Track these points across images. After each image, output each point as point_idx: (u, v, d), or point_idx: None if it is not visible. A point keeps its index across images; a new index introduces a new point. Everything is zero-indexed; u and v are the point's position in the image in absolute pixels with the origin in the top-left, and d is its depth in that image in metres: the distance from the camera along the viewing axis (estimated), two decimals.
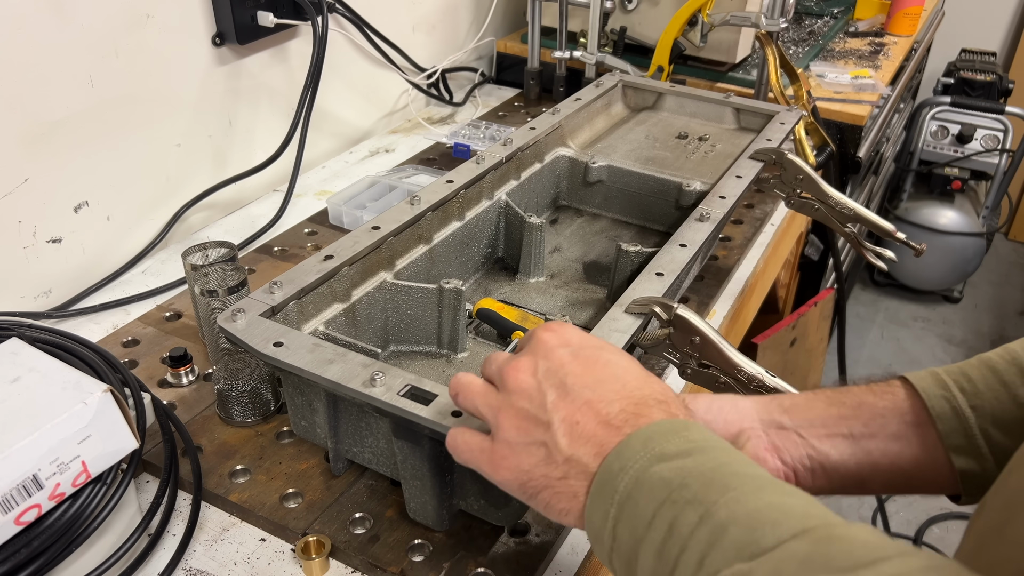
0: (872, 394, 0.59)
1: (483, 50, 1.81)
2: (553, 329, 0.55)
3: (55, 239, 1.02)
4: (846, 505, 2.29)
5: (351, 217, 1.15)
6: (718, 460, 0.46)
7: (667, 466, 0.46)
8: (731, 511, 0.42)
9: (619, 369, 0.53)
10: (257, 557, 0.71)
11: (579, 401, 0.51)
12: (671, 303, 0.70)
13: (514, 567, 0.67)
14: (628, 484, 0.46)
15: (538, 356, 0.53)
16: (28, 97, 0.94)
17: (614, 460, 0.48)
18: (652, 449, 0.47)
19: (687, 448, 0.46)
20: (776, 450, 0.59)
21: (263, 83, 1.27)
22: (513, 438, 0.52)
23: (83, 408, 0.60)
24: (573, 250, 1.05)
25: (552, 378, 0.52)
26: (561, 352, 0.53)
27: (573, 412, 0.50)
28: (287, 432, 0.81)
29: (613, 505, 0.47)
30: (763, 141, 1.03)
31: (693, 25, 1.46)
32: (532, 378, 0.52)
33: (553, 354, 0.53)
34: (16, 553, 0.58)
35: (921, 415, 0.57)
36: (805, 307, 1.64)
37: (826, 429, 0.58)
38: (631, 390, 0.51)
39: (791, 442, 0.59)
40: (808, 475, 0.58)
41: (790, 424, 0.59)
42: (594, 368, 0.52)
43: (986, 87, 2.78)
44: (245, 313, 0.68)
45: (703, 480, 0.44)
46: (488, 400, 0.54)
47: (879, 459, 0.57)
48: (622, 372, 0.52)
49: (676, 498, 0.44)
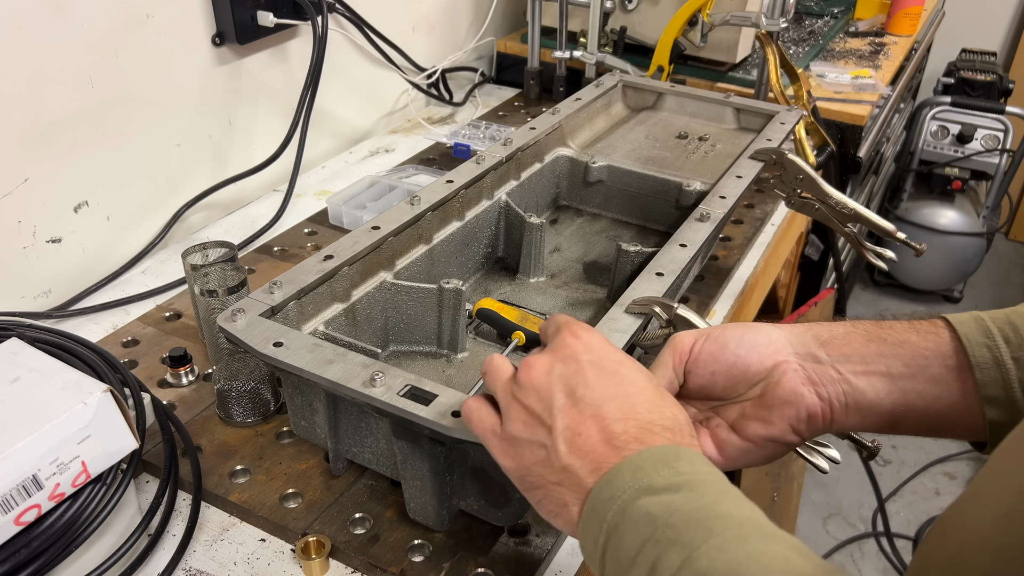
0: (915, 333, 0.57)
1: (483, 50, 1.81)
2: (579, 334, 0.54)
3: (55, 239, 1.02)
4: (846, 505, 2.29)
5: (351, 217, 1.15)
6: (704, 499, 0.45)
7: (654, 500, 0.45)
8: (712, 560, 0.41)
9: (633, 388, 0.52)
10: (257, 557, 0.71)
11: (586, 412, 0.50)
12: (671, 303, 0.70)
13: (514, 567, 0.67)
14: (615, 514, 0.46)
15: (557, 357, 0.53)
16: (28, 97, 0.94)
17: (604, 487, 0.48)
18: (640, 480, 0.46)
19: (676, 482, 0.46)
20: (813, 384, 0.57)
21: (263, 83, 1.27)
22: (518, 432, 0.52)
23: (83, 408, 0.60)
24: (573, 250, 1.05)
25: (564, 383, 0.51)
26: (581, 358, 0.52)
27: (578, 422, 0.50)
28: (287, 432, 0.81)
29: (602, 533, 0.47)
30: (763, 141, 1.03)
31: (693, 25, 1.46)
32: (545, 378, 0.52)
33: (572, 359, 0.52)
34: (16, 553, 0.58)
35: (962, 360, 0.54)
36: (805, 307, 1.64)
37: (864, 366, 0.57)
38: (640, 412, 0.51)
39: (828, 377, 0.57)
40: (843, 411, 0.57)
41: (826, 358, 0.57)
42: (608, 382, 0.51)
43: (986, 87, 2.78)
44: (245, 313, 0.68)
45: (688, 521, 0.44)
46: (506, 388, 0.54)
47: (915, 401, 0.56)
48: (635, 391, 0.52)
49: (660, 537, 0.44)
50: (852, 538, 2.21)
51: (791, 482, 1.82)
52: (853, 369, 0.57)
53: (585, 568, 0.71)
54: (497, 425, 0.54)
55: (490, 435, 0.54)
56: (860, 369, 0.57)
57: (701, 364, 0.60)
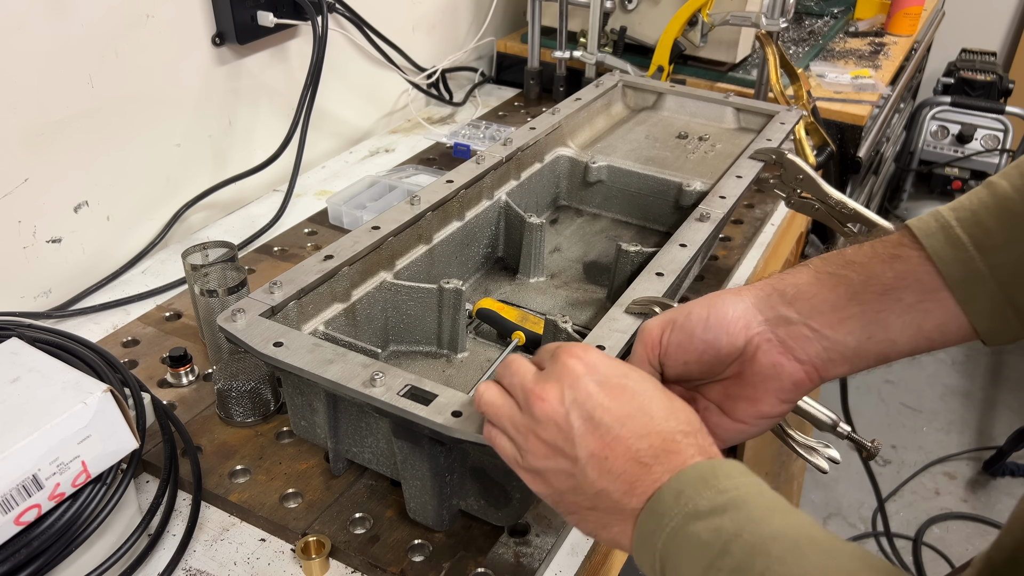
0: (880, 262, 0.54)
1: (483, 50, 1.81)
2: (578, 356, 0.53)
3: (55, 239, 1.02)
4: (846, 505, 2.29)
5: (351, 217, 1.15)
6: (753, 518, 0.45)
7: (703, 525, 0.45)
8: None
9: (645, 399, 0.51)
10: (257, 557, 0.71)
11: (608, 436, 0.50)
12: (671, 303, 0.70)
13: (514, 567, 0.67)
14: (665, 543, 0.46)
15: (564, 384, 0.51)
16: (28, 97, 0.94)
17: (648, 519, 0.48)
18: (684, 505, 0.46)
19: (720, 503, 0.46)
20: (789, 350, 0.56)
21: (263, 83, 1.27)
22: (540, 465, 0.52)
23: (83, 408, 0.60)
24: (573, 250, 1.05)
25: (580, 410, 0.50)
26: (587, 381, 0.51)
27: (602, 447, 0.50)
28: (287, 432, 0.81)
29: (656, 560, 0.47)
30: (763, 141, 1.03)
31: (693, 25, 1.46)
32: (560, 407, 0.51)
33: (580, 383, 0.51)
34: (16, 553, 0.58)
35: (936, 281, 0.52)
36: None
37: (837, 314, 0.54)
38: (658, 423, 0.50)
39: (802, 337, 0.55)
40: (828, 366, 0.56)
41: (797, 317, 0.55)
42: (621, 399, 0.51)
43: (986, 87, 2.78)
44: (245, 313, 0.68)
45: (744, 548, 0.44)
46: (515, 422, 0.53)
47: (898, 333, 0.53)
48: (648, 402, 0.51)
49: (720, 566, 0.44)
50: (852, 538, 2.21)
51: (791, 482, 1.82)
52: (827, 321, 0.55)
53: (585, 568, 0.71)
54: (518, 455, 0.53)
55: (514, 464, 0.54)
56: (834, 319, 0.54)
57: (672, 356, 0.59)
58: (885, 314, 0.53)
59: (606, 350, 0.66)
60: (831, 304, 0.55)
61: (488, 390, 0.55)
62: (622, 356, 0.68)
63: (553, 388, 0.52)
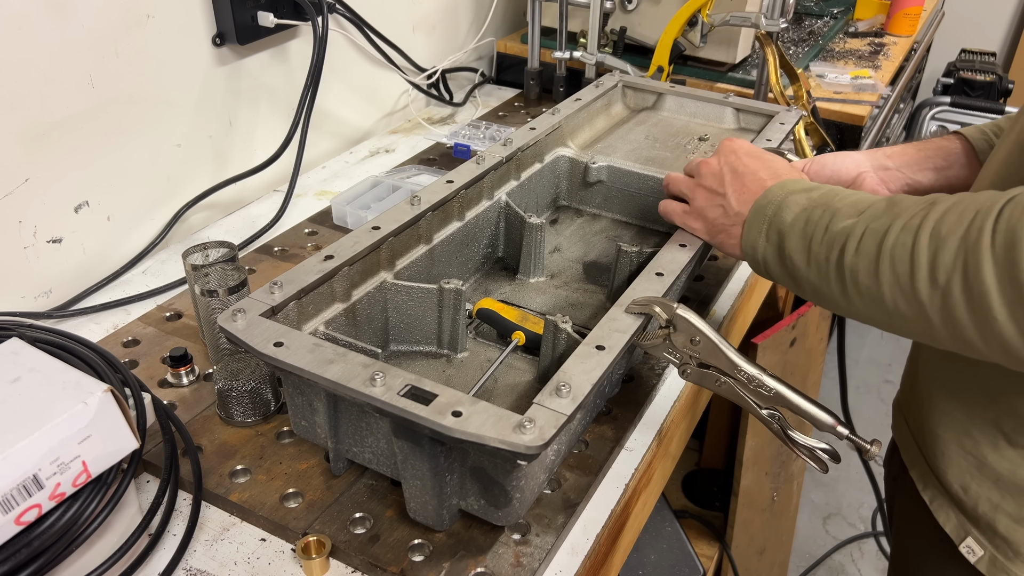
0: (947, 141, 0.87)
1: (483, 50, 1.81)
2: (734, 140, 0.84)
3: (55, 239, 1.02)
4: (846, 505, 2.29)
5: (355, 217, 1.15)
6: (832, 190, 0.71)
7: (799, 195, 0.72)
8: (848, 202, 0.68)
9: (774, 162, 0.81)
10: (257, 557, 0.71)
11: (746, 178, 0.79)
12: (671, 303, 0.70)
13: (514, 567, 0.67)
14: (774, 207, 0.73)
15: (721, 155, 0.83)
16: (29, 97, 0.94)
17: (762, 198, 0.75)
18: (786, 187, 0.74)
19: (809, 186, 0.73)
20: (884, 183, 0.87)
21: (263, 83, 1.27)
22: (702, 203, 0.82)
23: (83, 408, 0.60)
24: (573, 250, 1.05)
25: (729, 167, 0.81)
26: (735, 152, 0.82)
27: (741, 186, 0.79)
28: (287, 432, 0.81)
29: (765, 221, 0.73)
30: (763, 141, 1.03)
31: (693, 25, 1.46)
32: (717, 166, 0.82)
33: (732, 154, 0.82)
34: (16, 553, 0.58)
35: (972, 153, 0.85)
36: (805, 307, 1.64)
37: (919, 165, 0.87)
38: (781, 172, 0.79)
39: (894, 177, 0.88)
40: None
41: (892, 165, 0.88)
42: (757, 161, 0.80)
43: (986, 87, 2.78)
44: (245, 313, 0.68)
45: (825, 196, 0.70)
46: (688, 183, 0.86)
47: (953, 181, 0.86)
48: (776, 163, 0.80)
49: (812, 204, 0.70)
50: (852, 538, 2.21)
51: (791, 482, 1.82)
52: (912, 169, 0.87)
53: (585, 568, 0.71)
54: (685, 207, 0.85)
55: (683, 215, 0.85)
56: (917, 168, 0.87)
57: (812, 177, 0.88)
58: (948, 169, 0.86)
59: (606, 350, 0.66)
60: (916, 160, 0.87)
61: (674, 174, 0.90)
62: (622, 356, 0.68)
63: (714, 158, 0.84)
